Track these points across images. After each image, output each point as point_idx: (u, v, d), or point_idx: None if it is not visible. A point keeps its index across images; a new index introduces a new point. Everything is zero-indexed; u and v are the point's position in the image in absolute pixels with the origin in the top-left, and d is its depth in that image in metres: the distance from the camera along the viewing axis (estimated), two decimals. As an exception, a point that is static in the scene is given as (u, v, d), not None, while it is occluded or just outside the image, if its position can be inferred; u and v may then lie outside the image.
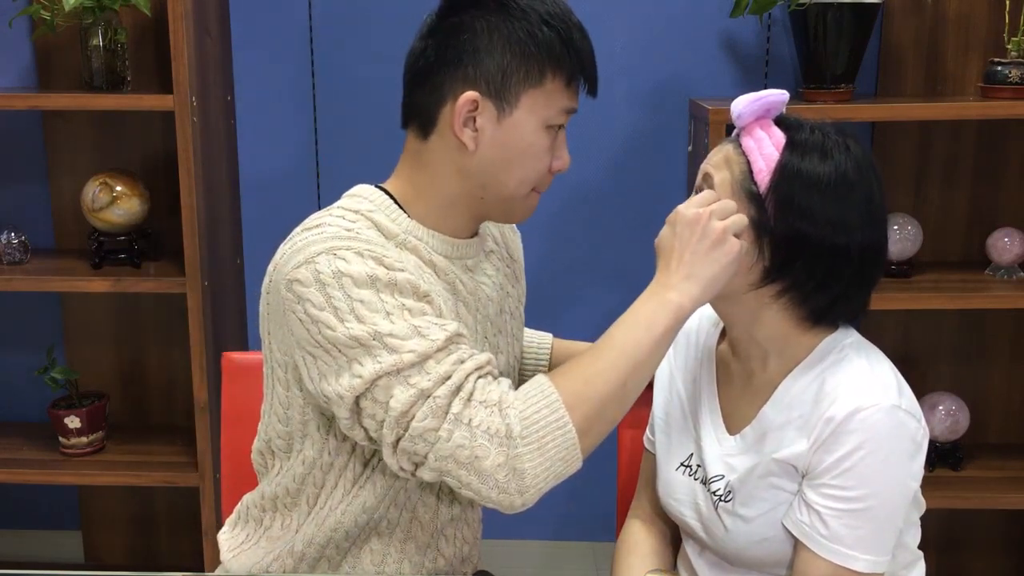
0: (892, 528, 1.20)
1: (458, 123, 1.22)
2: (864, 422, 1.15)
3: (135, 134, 2.50)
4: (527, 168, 1.25)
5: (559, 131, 1.26)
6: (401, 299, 1.16)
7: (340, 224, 1.21)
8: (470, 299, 1.30)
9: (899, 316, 2.47)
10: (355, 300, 1.14)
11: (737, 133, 1.26)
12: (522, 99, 1.22)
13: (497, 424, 1.13)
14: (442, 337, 1.15)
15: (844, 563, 1.17)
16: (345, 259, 1.15)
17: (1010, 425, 2.55)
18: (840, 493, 1.17)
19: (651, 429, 1.45)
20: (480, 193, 1.27)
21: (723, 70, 2.49)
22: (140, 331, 2.61)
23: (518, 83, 1.21)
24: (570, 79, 1.23)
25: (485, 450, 1.12)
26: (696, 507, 1.32)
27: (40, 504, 2.75)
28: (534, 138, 1.24)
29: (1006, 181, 2.44)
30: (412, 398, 1.13)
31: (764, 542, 1.24)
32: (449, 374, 1.14)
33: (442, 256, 1.28)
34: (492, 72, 1.21)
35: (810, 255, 1.19)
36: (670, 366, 1.42)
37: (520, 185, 1.26)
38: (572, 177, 2.56)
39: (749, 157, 1.21)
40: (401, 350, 1.13)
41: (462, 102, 1.21)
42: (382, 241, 1.22)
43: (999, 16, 2.29)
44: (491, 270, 1.37)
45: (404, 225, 1.26)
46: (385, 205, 1.26)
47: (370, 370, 1.13)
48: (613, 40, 2.49)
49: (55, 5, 2.21)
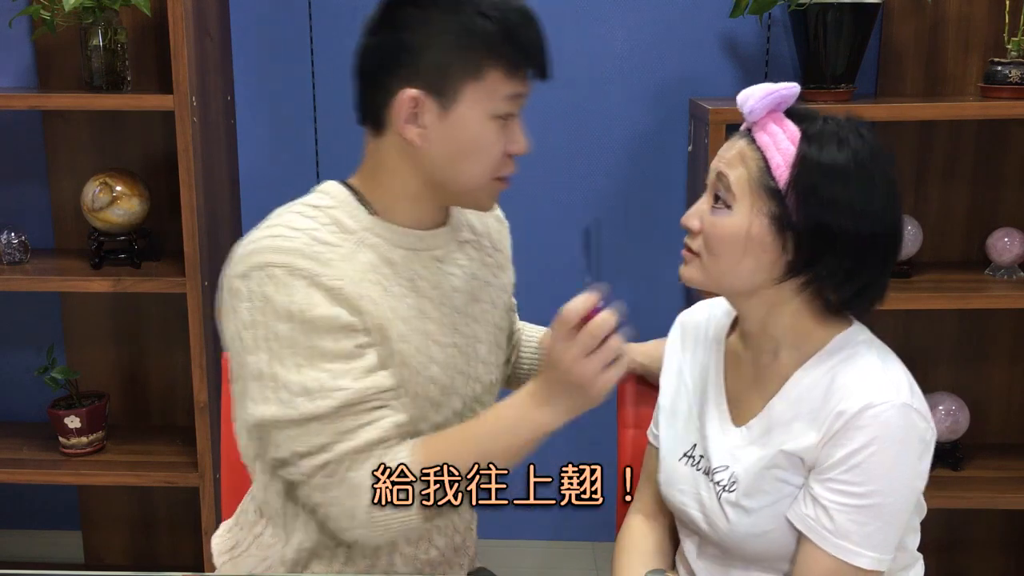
0: (897, 527, 1.20)
1: (401, 121, 1.22)
2: (876, 418, 1.15)
3: (135, 134, 2.50)
4: (479, 160, 1.24)
5: (510, 118, 1.25)
6: (313, 339, 1.18)
7: (294, 224, 1.23)
8: (433, 293, 1.30)
9: (899, 316, 2.47)
10: (271, 332, 1.18)
11: (747, 128, 1.25)
12: (463, 93, 1.21)
13: (349, 506, 1.19)
14: (331, 405, 1.17)
15: (848, 559, 1.17)
16: (275, 280, 1.18)
17: (1010, 425, 2.55)
18: (848, 488, 1.17)
19: (655, 423, 1.45)
20: (439, 186, 1.27)
21: (723, 70, 2.49)
22: (140, 331, 2.61)
23: (457, 78, 1.20)
24: (512, 68, 1.22)
25: (337, 516, 1.22)
26: (699, 498, 1.31)
27: (40, 504, 2.75)
28: (481, 130, 1.23)
29: (1006, 181, 2.44)
30: (289, 453, 1.20)
31: (766, 535, 1.24)
32: (326, 446, 1.18)
33: (406, 249, 1.28)
34: (431, 69, 1.20)
35: (837, 245, 1.18)
36: (679, 360, 1.42)
37: (476, 176, 1.26)
38: (572, 177, 2.57)
39: (765, 153, 1.20)
40: (288, 404, 1.17)
41: (402, 101, 1.21)
42: (336, 240, 1.23)
43: (999, 16, 2.29)
44: (463, 260, 1.37)
45: (364, 222, 1.26)
46: (347, 201, 1.27)
47: (260, 410, 1.20)
48: (613, 40, 2.49)
49: (55, 5, 2.21)
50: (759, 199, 1.20)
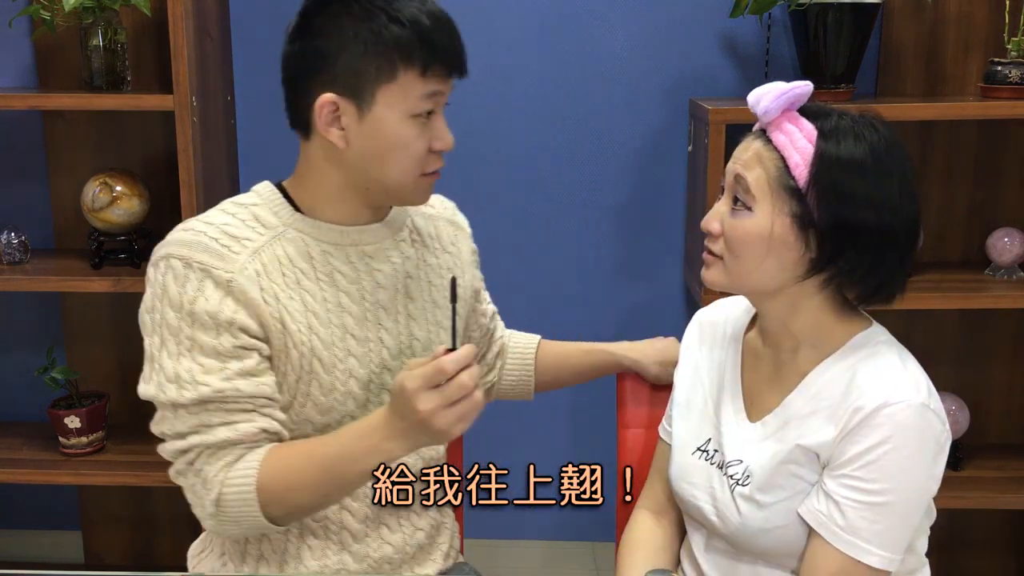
0: (908, 526, 1.20)
1: (322, 124, 1.27)
2: (892, 417, 1.16)
3: (135, 134, 2.50)
4: (401, 158, 1.28)
5: (430, 116, 1.29)
6: (194, 331, 1.25)
7: (212, 219, 1.31)
8: (352, 288, 1.34)
9: (899, 316, 2.46)
10: (163, 318, 1.27)
11: (761, 128, 1.25)
12: (378, 95, 1.25)
13: (200, 494, 1.27)
14: (193, 396, 1.24)
15: (858, 556, 1.17)
16: (173, 271, 1.26)
17: (1010, 425, 2.55)
18: (861, 485, 1.17)
19: (668, 419, 1.45)
20: (365, 184, 1.32)
21: (723, 70, 2.49)
22: (140, 331, 2.60)
23: (371, 81, 1.25)
24: (424, 68, 1.25)
25: (193, 503, 1.29)
26: (711, 491, 1.31)
27: (40, 504, 2.75)
28: (399, 129, 1.27)
29: (1006, 181, 2.44)
30: (159, 431, 1.29)
31: (777, 530, 1.24)
32: (184, 434, 1.26)
33: (328, 243, 1.33)
34: (346, 73, 1.25)
35: (858, 240, 1.18)
36: (695, 356, 1.42)
37: (401, 174, 1.30)
38: (572, 177, 2.57)
39: (783, 152, 1.20)
40: (161, 388, 1.26)
41: (321, 104, 1.26)
42: (250, 235, 1.29)
43: (999, 16, 2.29)
44: (397, 257, 1.39)
45: (286, 218, 1.33)
46: (272, 199, 1.34)
47: (143, 388, 1.30)
48: (613, 40, 2.49)
49: (55, 5, 2.21)
50: (779, 199, 1.20)
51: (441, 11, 1.29)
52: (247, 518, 1.25)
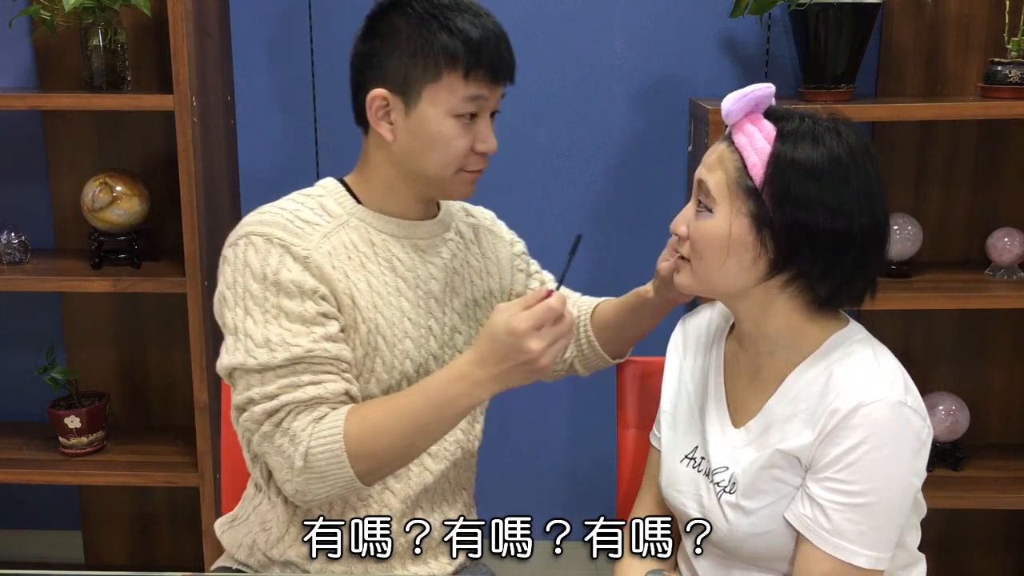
0: (894, 525, 1.20)
1: (374, 118, 1.38)
2: (867, 417, 1.16)
3: (135, 134, 2.50)
4: (441, 153, 1.37)
5: (473, 118, 1.37)
6: (280, 299, 1.31)
7: (284, 206, 1.39)
8: (408, 275, 1.42)
9: (899, 316, 2.47)
10: (246, 290, 1.32)
11: (729, 131, 1.26)
12: (423, 94, 1.35)
13: (289, 452, 1.29)
14: (285, 356, 1.29)
15: (846, 558, 1.17)
16: (254, 247, 1.33)
17: (1010, 425, 2.55)
18: (843, 487, 1.17)
19: (657, 426, 1.45)
20: (410, 176, 1.41)
21: (723, 70, 2.49)
22: (140, 331, 2.61)
23: (418, 80, 1.35)
24: (467, 73, 1.34)
25: (279, 466, 1.31)
26: (699, 499, 1.32)
27: (40, 504, 2.75)
28: (441, 127, 1.36)
29: (1006, 181, 2.44)
30: (245, 399, 1.32)
31: (765, 535, 1.24)
32: (274, 395, 1.30)
33: (387, 235, 1.42)
34: (396, 72, 1.36)
35: (812, 242, 1.19)
36: (680, 363, 1.43)
37: (441, 168, 1.38)
38: (572, 177, 2.57)
39: (742, 153, 1.22)
40: (250, 353, 1.30)
41: (371, 98, 1.37)
42: (319, 220, 1.38)
43: (999, 16, 2.29)
44: (446, 253, 1.48)
45: (349, 208, 1.41)
46: (336, 192, 1.43)
47: (228, 359, 1.33)
48: (613, 40, 2.49)
49: (55, 5, 2.21)
50: (738, 199, 1.21)
51: (495, 26, 1.38)
52: (334, 472, 1.28)
